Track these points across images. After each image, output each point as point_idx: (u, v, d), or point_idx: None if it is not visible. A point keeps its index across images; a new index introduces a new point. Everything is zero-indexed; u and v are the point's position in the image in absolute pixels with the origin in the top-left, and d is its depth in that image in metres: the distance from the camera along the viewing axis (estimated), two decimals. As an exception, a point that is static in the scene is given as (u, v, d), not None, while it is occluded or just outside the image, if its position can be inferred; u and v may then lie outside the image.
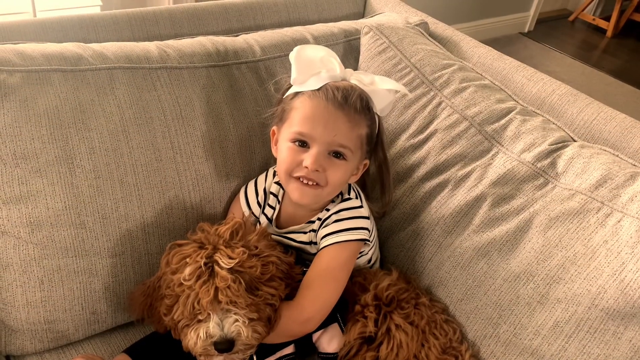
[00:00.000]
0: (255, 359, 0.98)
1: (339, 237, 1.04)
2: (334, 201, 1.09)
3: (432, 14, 1.65)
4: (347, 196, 1.09)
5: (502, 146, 1.15)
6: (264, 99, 1.23)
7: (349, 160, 1.02)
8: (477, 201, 1.11)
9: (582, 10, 4.43)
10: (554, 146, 1.11)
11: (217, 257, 0.89)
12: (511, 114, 1.18)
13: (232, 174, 1.18)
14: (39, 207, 1.00)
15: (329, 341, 1.04)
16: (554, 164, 1.09)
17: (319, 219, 1.07)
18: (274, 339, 0.97)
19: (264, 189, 1.15)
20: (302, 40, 1.33)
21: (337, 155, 1.01)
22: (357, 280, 1.09)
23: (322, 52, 1.05)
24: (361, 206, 1.09)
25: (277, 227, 1.13)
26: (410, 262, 1.19)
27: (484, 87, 1.26)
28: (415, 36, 1.39)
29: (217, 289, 0.87)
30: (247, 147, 1.20)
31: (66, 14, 1.30)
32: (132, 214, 1.07)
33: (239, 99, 1.21)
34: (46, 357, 1.08)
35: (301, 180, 1.01)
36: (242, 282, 0.88)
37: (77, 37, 1.22)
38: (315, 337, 1.03)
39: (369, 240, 1.07)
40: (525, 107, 1.24)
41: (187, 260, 0.90)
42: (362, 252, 1.11)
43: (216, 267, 0.88)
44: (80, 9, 2.00)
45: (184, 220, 1.13)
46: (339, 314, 1.04)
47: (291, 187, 1.03)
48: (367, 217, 1.08)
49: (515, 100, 1.26)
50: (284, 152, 1.03)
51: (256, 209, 1.14)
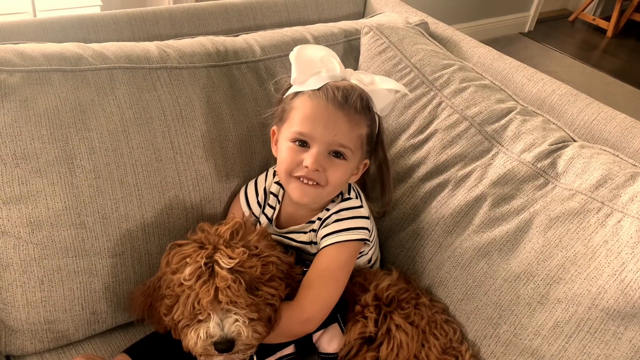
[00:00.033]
0: (255, 359, 0.98)
1: (339, 237, 1.04)
2: (334, 201, 1.09)
3: (432, 14, 1.65)
4: (347, 196, 1.09)
5: (502, 146, 1.15)
6: (264, 99, 1.23)
7: (349, 160, 1.02)
8: (478, 201, 1.11)
9: (582, 10, 4.42)
10: (554, 146, 1.11)
11: (217, 257, 0.89)
12: (511, 114, 1.18)
13: (232, 174, 1.18)
14: (39, 207, 1.00)
15: (329, 341, 1.04)
16: (554, 164, 1.09)
17: (319, 219, 1.07)
18: (274, 339, 0.97)
19: (264, 189, 1.15)
20: (302, 40, 1.33)
21: (337, 155, 1.01)
22: (357, 280, 1.09)
23: (322, 52, 1.05)
24: (361, 206, 1.09)
25: (277, 227, 1.13)
26: (410, 262, 1.18)
27: (484, 87, 1.26)
28: (415, 36, 1.39)
29: (217, 289, 0.87)
30: (247, 147, 1.20)
31: (66, 14, 1.30)
32: (132, 214, 1.07)
33: (239, 99, 1.21)
34: (46, 357, 1.08)
35: (301, 179, 1.01)
36: (242, 282, 0.88)
37: (77, 37, 1.22)
38: (315, 337, 1.03)
39: (369, 240, 1.07)
40: (525, 107, 1.24)
41: (188, 260, 0.90)
42: (362, 252, 1.11)
43: (216, 267, 0.88)
44: (80, 9, 2.00)
45: (184, 220, 1.13)
46: (339, 314, 1.04)
47: (291, 187, 1.03)
48: (367, 217, 1.08)
49: (515, 100, 1.26)
50: (284, 151, 1.03)
51: (256, 208, 1.14)
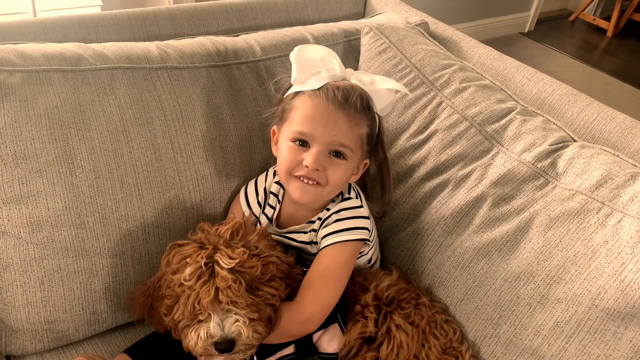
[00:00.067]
0: (255, 359, 0.98)
1: (339, 237, 1.04)
2: (334, 201, 1.09)
3: (432, 14, 1.65)
4: (347, 196, 1.09)
5: (503, 146, 1.15)
6: (264, 99, 1.23)
7: (349, 159, 1.02)
8: (478, 201, 1.11)
9: (583, 10, 4.42)
10: (554, 146, 1.11)
11: (217, 257, 0.89)
12: (511, 114, 1.18)
13: (232, 174, 1.18)
14: (39, 207, 1.00)
15: (329, 341, 1.04)
16: (554, 164, 1.09)
17: (320, 219, 1.07)
18: (274, 339, 0.97)
19: (264, 189, 1.15)
20: (302, 40, 1.33)
21: (338, 154, 1.01)
22: (358, 280, 1.09)
23: (323, 51, 1.05)
24: (361, 206, 1.09)
25: (278, 227, 1.13)
26: (410, 262, 1.18)
27: (485, 87, 1.26)
28: (415, 36, 1.39)
29: (217, 289, 0.87)
30: (247, 147, 1.20)
31: (66, 14, 1.30)
32: (132, 214, 1.07)
33: (239, 99, 1.21)
34: (46, 357, 1.08)
35: (301, 179, 1.01)
36: (242, 282, 0.88)
37: (77, 37, 1.22)
38: (315, 337, 1.03)
39: (369, 240, 1.07)
40: (525, 107, 1.24)
41: (188, 260, 0.90)
42: (362, 252, 1.11)
43: (216, 267, 0.88)
44: (80, 9, 2.00)
45: (184, 220, 1.13)
46: (339, 314, 1.04)
47: (292, 186, 1.03)
48: (367, 217, 1.08)
49: (515, 100, 1.26)
50: (284, 151, 1.03)
51: (256, 208, 1.14)
